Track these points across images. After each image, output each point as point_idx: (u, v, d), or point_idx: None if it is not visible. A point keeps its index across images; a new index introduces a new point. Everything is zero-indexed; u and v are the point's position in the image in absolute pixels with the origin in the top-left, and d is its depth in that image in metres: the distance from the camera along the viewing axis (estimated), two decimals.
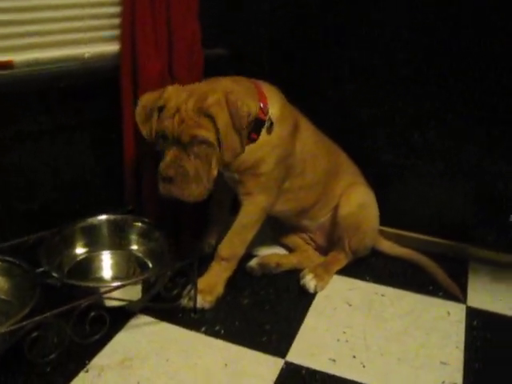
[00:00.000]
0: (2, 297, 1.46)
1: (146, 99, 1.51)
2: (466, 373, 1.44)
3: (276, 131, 1.57)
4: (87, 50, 1.55)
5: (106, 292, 1.39)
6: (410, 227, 1.99)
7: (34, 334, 1.27)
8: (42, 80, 1.48)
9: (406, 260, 1.90)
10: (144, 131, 1.51)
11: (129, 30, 1.53)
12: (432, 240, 1.97)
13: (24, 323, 1.25)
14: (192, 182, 1.43)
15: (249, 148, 1.53)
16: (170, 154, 1.42)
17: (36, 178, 1.60)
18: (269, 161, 1.57)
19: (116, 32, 1.58)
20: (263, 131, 1.55)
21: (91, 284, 1.47)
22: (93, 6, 1.53)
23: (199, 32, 1.64)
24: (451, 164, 1.87)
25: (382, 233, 1.95)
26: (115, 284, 1.41)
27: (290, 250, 1.92)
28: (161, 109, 1.45)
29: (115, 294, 1.41)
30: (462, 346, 1.54)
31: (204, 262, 1.73)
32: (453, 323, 1.63)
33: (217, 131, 1.42)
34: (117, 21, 1.57)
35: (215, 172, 1.47)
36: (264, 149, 1.56)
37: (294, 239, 1.91)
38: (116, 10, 1.57)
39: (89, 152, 1.68)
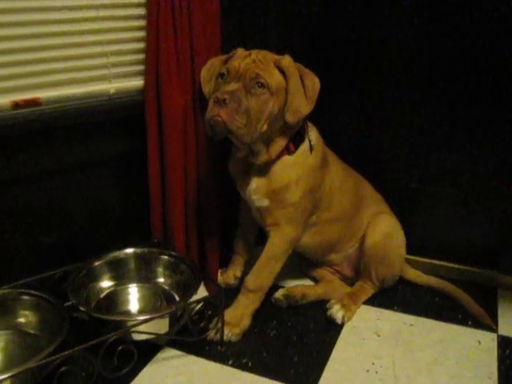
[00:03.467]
0: (31, 331, 1.47)
1: (212, 61, 1.58)
2: None
3: (310, 159, 1.59)
4: (112, 86, 1.58)
5: (134, 326, 1.39)
6: (436, 255, 1.97)
7: (63, 369, 1.28)
8: (68, 116, 1.51)
9: (433, 288, 1.87)
10: (206, 88, 1.55)
11: (153, 66, 1.57)
12: (459, 267, 1.95)
13: (53, 358, 1.25)
14: (242, 114, 1.40)
15: (282, 164, 1.56)
16: (229, 86, 1.41)
17: (62, 212, 1.62)
18: (298, 188, 1.58)
19: (140, 68, 1.62)
20: (301, 149, 1.57)
21: (119, 318, 1.47)
22: (118, 42, 1.58)
23: None
24: (476, 189, 1.86)
25: (408, 261, 1.93)
26: (142, 318, 1.41)
27: (316, 280, 1.91)
28: (226, 61, 1.51)
29: (142, 327, 1.41)
30: (495, 376, 1.50)
31: (230, 293, 1.75)
32: (484, 353, 1.60)
33: (282, 86, 1.46)
34: (141, 56, 1.61)
35: (264, 125, 1.46)
36: (296, 171, 1.57)
37: (319, 271, 1.89)
38: (140, 45, 1.61)
39: (115, 186, 1.70)
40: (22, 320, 1.49)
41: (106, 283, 1.67)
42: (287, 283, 1.90)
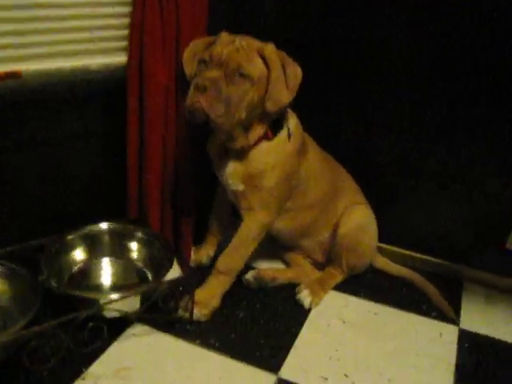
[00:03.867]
0: (2, 304, 1.48)
1: (195, 42, 1.56)
2: None
3: (288, 146, 1.60)
4: (94, 62, 1.57)
5: (106, 304, 1.42)
6: (407, 246, 2.01)
7: (33, 343, 1.30)
8: (49, 90, 1.50)
9: (402, 278, 1.92)
10: (187, 68, 1.54)
11: (137, 42, 1.55)
12: (428, 259, 1.99)
13: (23, 332, 1.27)
14: (222, 102, 1.40)
15: (259, 150, 1.57)
16: (211, 72, 1.41)
17: (41, 185, 1.62)
18: (274, 174, 1.59)
19: (123, 43, 1.60)
20: (279, 136, 1.58)
21: (91, 295, 1.48)
22: (102, 16, 1.55)
23: None
24: (454, 186, 1.89)
25: (379, 249, 1.97)
26: (115, 296, 1.43)
27: (288, 263, 1.94)
28: (209, 44, 1.49)
29: (114, 304, 1.43)
30: (452, 368, 1.57)
31: (202, 272, 1.78)
32: (445, 345, 1.66)
33: (263, 76, 1.45)
34: (125, 32, 1.59)
35: (243, 114, 1.46)
36: (273, 157, 1.59)
37: (291, 254, 1.93)
38: (125, 20, 1.59)
39: (94, 161, 1.70)
40: None
41: (79, 256, 1.68)
42: (259, 264, 1.93)
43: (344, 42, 1.85)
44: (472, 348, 1.65)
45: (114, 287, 1.66)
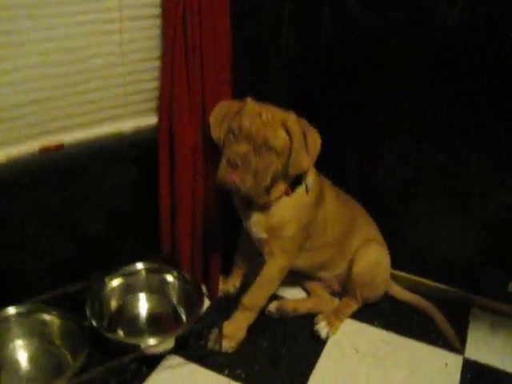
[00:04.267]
0: (57, 345, 1.70)
1: (223, 105, 1.71)
2: None
3: (306, 200, 1.75)
4: (127, 125, 1.74)
5: (146, 348, 1.62)
6: (420, 273, 2.16)
7: None
8: (89, 155, 1.68)
9: (414, 305, 2.08)
10: (215, 133, 1.69)
11: (167, 110, 1.70)
12: (438, 286, 2.14)
13: (76, 381, 1.49)
14: (250, 174, 1.56)
15: (280, 205, 1.73)
16: (240, 147, 1.56)
17: (85, 231, 1.81)
18: (293, 226, 1.75)
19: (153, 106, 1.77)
20: (298, 191, 1.74)
21: (133, 341, 1.68)
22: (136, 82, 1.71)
23: None
24: (461, 216, 2.02)
25: (392, 276, 2.13)
26: (155, 341, 1.64)
27: (307, 291, 2.12)
28: (237, 112, 1.63)
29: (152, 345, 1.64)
30: None
31: (230, 300, 2.00)
32: (449, 375, 1.82)
33: (287, 146, 1.60)
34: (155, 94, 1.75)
35: (268, 179, 1.61)
36: (292, 211, 1.75)
37: (311, 284, 2.10)
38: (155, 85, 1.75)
39: (131, 208, 1.88)
40: (47, 330, 1.71)
41: (119, 294, 1.89)
42: (281, 292, 2.11)
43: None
44: (474, 379, 1.81)
45: (153, 325, 1.86)
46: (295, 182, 1.73)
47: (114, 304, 1.87)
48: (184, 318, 1.88)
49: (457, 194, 1.99)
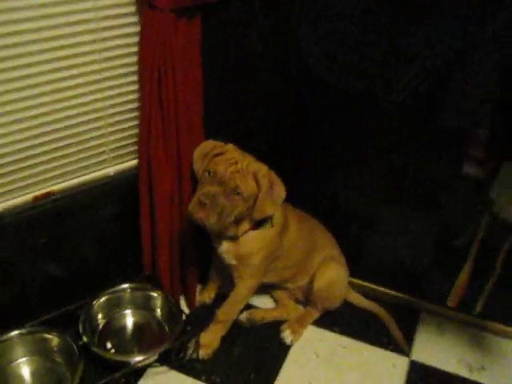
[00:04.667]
0: (58, 362, 1.96)
1: (206, 144, 1.94)
2: None
3: (271, 232, 1.99)
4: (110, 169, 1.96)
5: (136, 363, 1.89)
6: (375, 281, 2.42)
7: None
8: (77, 199, 1.90)
9: (369, 311, 2.35)
10: (196, 165, 1.91)
11: (145, 157, 1.92)
12: (392, 293, 2.40)
13: None
14: (216, 215, 1.79)
15: (247, 238, 1.96)
16: (212, 188, 1.79)
17: (76, 256, 2.05)
18: (259, 255, 1.99)
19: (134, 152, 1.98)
20: (263, 226, 1.97)
21: (124, 359, 1.94)
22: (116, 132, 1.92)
23: None
24: (412, 229, 2.26)
25: (350, 284, 2.39)
26: (143, 358, 1.91)
27: (274, 299, 2.38)
28: (217, 155, 1.86)
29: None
30: None
31: (208, 309, 2.27)
32: (396, 376, 2.10)
33: (254, 194, 1.83)
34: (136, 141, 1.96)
35: (232, 219, 1.84)
36: (258, 244, 1.98)
37: (278, 292, 2.36)
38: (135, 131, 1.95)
39: (115, 237, 2.12)
40: (47, 349, 1.96)
41: (106, 313, 2.15)
42: (251, 300, 2.36)
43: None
44: (418, 379, 2.10)
45: (138, 336, 2.13)
46: (260, 221, 1.96)
47: (102, 320, 2.13)
48: (166, 328, 2.15)
49: (409, 204, 2.21)
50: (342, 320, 2.34)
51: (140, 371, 2.03)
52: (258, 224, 1.96)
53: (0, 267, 1.84)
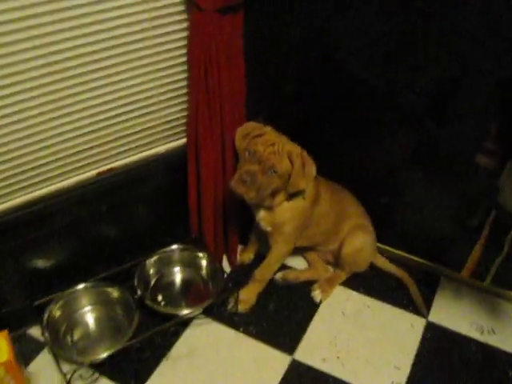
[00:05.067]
0: (118, 314, 2.29)
1: (248, 125, 2.18)
2: (411, 377, 2.20)
3: (303, 204, 2.23)
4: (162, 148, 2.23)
5: (184, 315, 2.22)
6: (400, 247, 2.65)
7: (138, 344, 2.13)
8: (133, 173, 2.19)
9: (393, 275, 2.59)
10: (237, 144, 2.17)
11: (193, 133, 2.17)
12: (415, 259, 2.63)
13: (133, 341, 2.09)
14: (254, 190, 2.06)
15: (281, 208, 2.21)
16: (251, 167, 2.04)
17: (134, 221, 2.36)
18: (291, 225, 2.24)
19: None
20: (296, 198, 2.20)
21: (174, 311, 2.28)
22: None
23: None
24: (436, 200, 2.45)
25: (379, 250, 2.62)
26: (190, 311, 2.25)
27: (307, 261, 2.65)
28: (256, 136, 2.10)
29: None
30: (414, 353, 2.28)
31: (247, 268, 2.55)
32: (413, 335, 2.35)
33: (288, 171, 2.07)
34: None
35: (268, 192, 2.10)
36: (290, 214, 2.22)
37: (310, 254, 2.62)
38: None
39: (167, 202, 2.41)
40: (109, 300, 2.30)
41: (159, 269, 2.48)
42: (287, 261, 2.64)
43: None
44: (432, 338, 2.34)
45: (188, 292, 2.45)
46: (293, 194, 2.20)
47: (154, 276, 2.45)
48: (210, 284, 2.45)
49: (435, 177, 2.39)
50: (368, 282, 2.58)
51: (186, 322, 2.35)
52: (291, 196, 2.19)
53: (68, 231, 2.16)
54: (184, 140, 2.25)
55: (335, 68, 2.17)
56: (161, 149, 2.23)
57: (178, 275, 2.50)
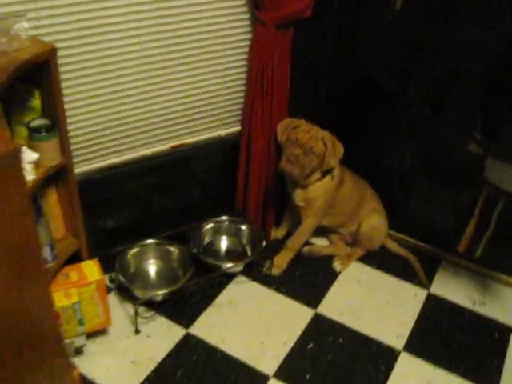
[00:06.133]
0: (174, 266, 2.81)
1: (286, 121, 2.71)
2: (412, 331, 2.68)
3: (331, 184, 2.76)
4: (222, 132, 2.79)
5: (227, 268, 2.73)
6: (408, 233, 3.15)
7: (192, 288, 2.64)
8: (201, 150, 2.75)
9: (401, 255, 3.08)
10: (279, 136, 2.68)
11: (247, 121, 2.72)
12: (420, 244, 3.13)
13: (188, 283, 2.60)
14: (299, 168, 2.59)
15: (314, 186, 2.73)
16: (295, 150, 2.57)
17: (187, 194, 2.90)
18: (320, 200, 2.76)
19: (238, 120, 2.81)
20: (326, 178, 2.73)
21: (219, 263, 2.81)
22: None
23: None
24: (441, 195, 2.96)
25: (389, 235, 3.13)
26: (231, 265, 2.75)
27: (329, 241, 3.15)
28: (294, 127, 2.63)
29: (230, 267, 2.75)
30: (415, 316, 2.75)
31: (279, 242, 3.06)
32: (415, 302, 2.82)
33: (322, 152, 2.59)
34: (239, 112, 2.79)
35: (309, 170, 2.63)
36: (321, 191, 2.74)
37: (332, 236, 3.13)
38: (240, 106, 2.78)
39: (219, 180, 2.95)
40: (168, 255, 2.82)
41: (210, 235, 3.00)
42: (312, 240, 3.15)
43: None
44: (432, 305, 2.82)
45: (231, 255, 2.97)
46: (325, 173, 2.74)
47: (206, 240, 2.98)
48: (249, 251, 2.97)
49: (441, 176, 2.90)
50: (380, 259, 3.08)
51: (229, 278, 2.86)
52: (324, 175, 2.72)
53: (139, 197, 2.70)
54: (238, 128, 2.81)
55: (359, 76, 2.74)
56: (221, 133, 2.79)
57: (223, 242, 3.03)
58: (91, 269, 2.25)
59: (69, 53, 2.11)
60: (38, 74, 1.82)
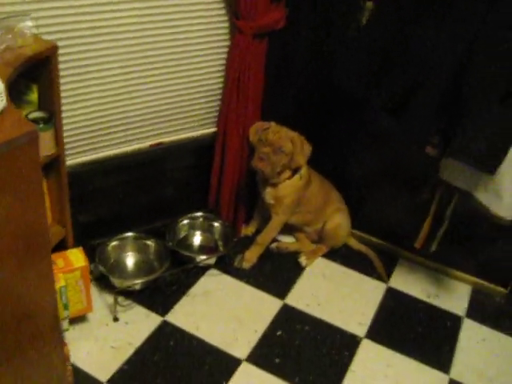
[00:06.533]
0: (151, 258, 2.95)
1: (257, 124, 2.87)
2: (373, 320, 2.89)
3: (299, 183, 2.96)
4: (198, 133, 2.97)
5: (201, 260, 2.89)
6: (368, 232, 3.38)
7: (168, 278, 2.79)
8: (178, 148, 2.91)
9: (362, 252, 3.30)
10: (251, 137, 2.85)
11: (223, 123, 2.91)
12: (380, 242, 3.36)
13: (165, 274, 2.76)
14: (269, 165, 2.76)
15: (283, 184, 2.91)
16: (266, 149, 2.75)
17: (164, 190, 3.05)
18: (289, 198, 2.96)
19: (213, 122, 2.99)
20: (295, 177, 2.92)
21: (193, 255, 2.97)
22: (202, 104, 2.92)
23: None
24: (398, 196, 3.20)
25: (351, 233, 3.35)
26: (204, 257, 2.91)
27: (296, 238, 3.34)
28: (265, 129, 2.81)
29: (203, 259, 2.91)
30: (376, 306, 2.97)
31: (250, 238, 3.23)
32: (375, 294, 3.03)
33: (291, 151, 2.77)
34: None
35: (279, 168, 2.81)
36: (290, 189, 2.93)
37: (298, 233, 3.32)
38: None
39: (192, 179, 3.12)
40: (145, 249, 2.96)
41: (185, 230, 3.16)
42: (280, 237, 3.33)
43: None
44: (390, 297, 3.05)
45: (204, 249, 3.13)
46: (294, 172, 2.94)
47: (182, 234, 3.14)
48: (221, 246, 3.14)
49: (401, 178, 3.13)
50: (343, 256, 3.28)
51: (203, 270, 3.02)
52: (293, 174, 2.92)
53: (118, 192, 2.85)
54: (214, 129, 2.99)
55: (329, 83, 2.97)
56: (196, 133, 2.96)
57: (197, 237, 3.19)
58: (76, 256, 2.38)
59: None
60: (36, 69, 1.95)
